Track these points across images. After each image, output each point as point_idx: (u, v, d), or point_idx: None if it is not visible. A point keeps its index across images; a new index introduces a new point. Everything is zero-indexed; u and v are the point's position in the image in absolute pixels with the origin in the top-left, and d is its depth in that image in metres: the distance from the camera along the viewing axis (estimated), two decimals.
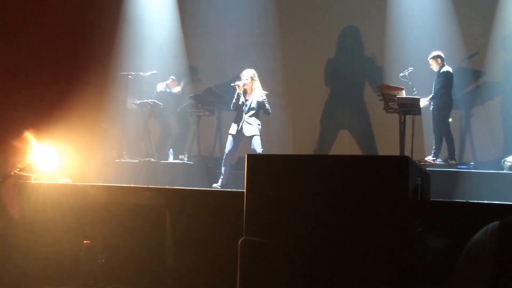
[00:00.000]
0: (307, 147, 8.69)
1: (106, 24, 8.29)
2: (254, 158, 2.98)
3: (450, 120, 7.25)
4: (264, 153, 6.83)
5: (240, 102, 6.87)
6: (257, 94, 6.85)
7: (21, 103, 6.46)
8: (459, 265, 1.93)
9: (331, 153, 8.43)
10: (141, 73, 8.41)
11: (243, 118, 6.84)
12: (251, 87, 6.88)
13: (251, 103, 6.84)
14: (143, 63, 8.74)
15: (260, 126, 6.88)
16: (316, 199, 2.74)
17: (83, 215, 4.58)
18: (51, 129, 5.66)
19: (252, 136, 6.78)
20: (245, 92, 6.89)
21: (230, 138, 6.94)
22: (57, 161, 5.41)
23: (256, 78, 6.94)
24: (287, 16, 8.94)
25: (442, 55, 7.27)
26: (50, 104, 6.64)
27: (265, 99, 6.86)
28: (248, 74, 6.91)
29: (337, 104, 8.70)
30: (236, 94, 6.88)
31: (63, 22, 7.34)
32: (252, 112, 6.84)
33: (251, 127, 6.78)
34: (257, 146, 6.78)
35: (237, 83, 6.88)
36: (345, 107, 8.68)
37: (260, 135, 6.88)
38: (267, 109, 6.88)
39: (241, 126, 6.84)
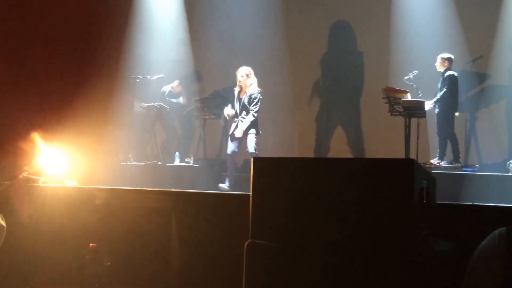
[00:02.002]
0: (312, 150, 8.70)
1: (114, 28, 8.34)
2: (260, 161, 2.99)
3: (456, 114, 7.22)
4: (270, 155, 6.82)
5: (235, 101, 6.85)
6: (250, 91, 6.77)
7: (30, 106, 6.50)
8: (469, 271, 1.93)
9: (336, 155, 8.42)
10: (148, 77, 8.44)
11: (239, 116, 6.81)
12: (245, 84, 6.81)
13: (243, 100, 6.78)
14: (150, 66, 8.77)
15: (254, 124, 6.71)
16: (321, 202, 2.75)
17: (89, 218, 4.60)
18: (59, 132, 5.69)
19: (247, 135, 6.73)
20: (240, 90, 6.84)
21: (229, 138, 6.93)
22: (65, 164, 5.44)
23: (252, 75, 6.86)
24: (292, 19, 8.96)
25: (452, 58, 7.27)
26: (59, 108, 6.68)
27: (255, 98, 6.69)
28: (244, 71, 6.84)
29: (342, 107, 8.70)
30: (236, 94, 6.86)
31: (72, 27, 7.39)
32: (246, 110, 6.79)
33: (248, 127, 6.72)
34: (250, 145, 6.67)
35: (238, 80, 6.84)
36: (350, 110, 8.68)
37: (256, 134, 6.76)
38: (251, 110, 6.67)
39: (237, 124, 6.81)
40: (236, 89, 6.84)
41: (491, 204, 3.93)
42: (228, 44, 9.03)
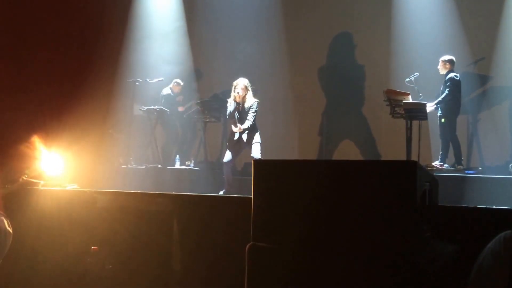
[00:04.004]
0: (313, 152, 8.68)
1: (113, 31, 8.35)
2: (261, 164, 2.99)
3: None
4: (271, 158, 6.79)
5: (235, 112, 6.83)
6: (249, 102, 6.78)
7: (30, 110, 6.51)
8: (474, 274, 1.92)
9: (338, 158, 8.41)
10: (148, 80, 8.44)
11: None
12: (245, 96, 6.82)
13: (243, 113, 6.78)
14: (150, 69, 8.78)
15: (257, 133, 6.75)
16: (323, 204, 2.74)
17: (91, 221, 4.59)
18: (60, 136, 5.69)
19: (252, 144, 6.73)
20: (238, 102, 6.83)
21: (229, 149, 6.90)
22: (65, 167, 5.43)
23: (250, 88, 6.89)
24: (293, 21, 8.96)
25: (454, 60, 7.24)
26: (59, 111, 6.69)
27: (253, 108, 6.69)
28: (243, 83, 6.84)
29: (343, 109, 8.69)
30: (233, 104, 6.81)
31: (72, 31, 7.41)
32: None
33: (251, 135, 6.73)
34: (256, 153, 6.68)
35: (236, 93, 6.82)
36: (351, 112, 8.67)
37: (261, 142, 6.77)
38: (249, 119, 6.68)
39: (240, 137, 6.79)
40: (232, 101, 6.78)
41: (494, 207, 3.91)
42: (228, 47, 9.03)
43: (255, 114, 6.76)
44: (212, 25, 9.19)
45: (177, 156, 8.31)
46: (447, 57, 7.26)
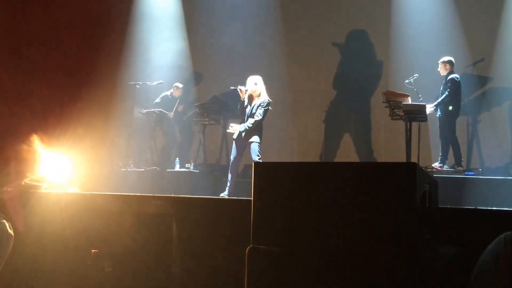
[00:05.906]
0: (312, 154, 8.68)
1: (114, 35, 8.37)
2: (261, 166, 2.98)
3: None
4: (270, 160, 6.77)
5: (244, 107, 6.79)
6: (259, 100, 6.74)
7: (31, 114, 6.52)
8: (475, 275, 1.92)
9: (337, 160, 8.41)
10: (148, 83, 8.46)
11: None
12: (255, 93, 6.77)
13: (252, 109, 6.75)
14: (150, 72, 8.80)
15: (258, 132, 6.65)
16: (323, 206, 2.74)
17: (91, 224, 4.59)
18: (61, 139, 5.70)
19: (250, 142, 6.68)
20: (250, 98, 6.80)
21: (234, 144, 6.87)
22: (66, 170, 5.45)
23: (260, 84, 6.82)
24: (292, 23, 8.97)
25: (453, 61, 7.24)
26: (60, 114, 6.70)
27: (262, 106, 6.61)
28: (252, 80, 6.81)
29: (343, 111, 8.69)
30: (241, 99, 6.81)
31: (73, 34, 7.43)
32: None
33: (250, 132, 6.67)
34: (253, 152, 6.61)
35: (239, 87, 6.79)
36: (350, 114, 8.67)
37: (259, 142, 6.72)
38: (257, 115, 6.59)
39: (239, 134, 6.74)
40: (246, 99, 6.74)
41: (494, 208, 3.91)
42: (227, 49, 9.03)
43: (263, 113, 6.63)
44: (212, 27, 9.19)
45: (177, 158, 8.31)
46: (446, 58, 7.27)
